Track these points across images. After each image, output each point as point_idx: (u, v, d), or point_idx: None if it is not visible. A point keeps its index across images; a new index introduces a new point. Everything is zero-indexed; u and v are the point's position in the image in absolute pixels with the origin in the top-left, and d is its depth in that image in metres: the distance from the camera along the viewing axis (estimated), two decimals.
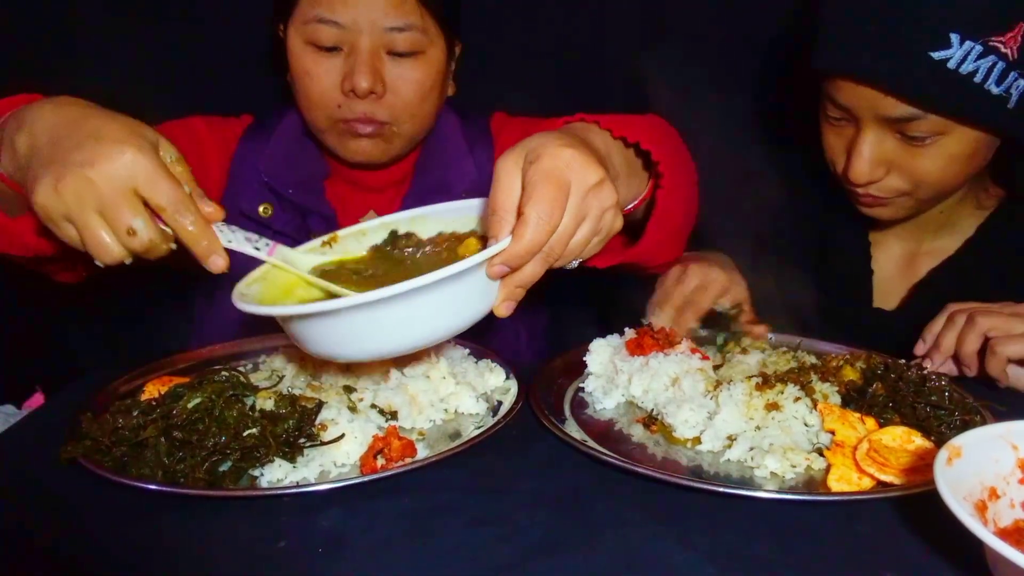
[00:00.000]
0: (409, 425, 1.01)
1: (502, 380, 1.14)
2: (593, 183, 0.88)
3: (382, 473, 0.87)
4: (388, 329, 0.87)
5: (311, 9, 1.25)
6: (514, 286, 0.91)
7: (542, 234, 0.85)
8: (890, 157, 1.22)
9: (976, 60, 1.10)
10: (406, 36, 1.26)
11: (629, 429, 1.03)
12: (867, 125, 1.21)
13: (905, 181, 1.24)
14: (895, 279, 1.46)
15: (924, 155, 1.20)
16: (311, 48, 1.27)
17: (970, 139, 1.19)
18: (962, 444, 0.69)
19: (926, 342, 1.14)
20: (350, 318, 0.85)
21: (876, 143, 1.21)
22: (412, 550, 0.76)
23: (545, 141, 0.89)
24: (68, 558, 0.78)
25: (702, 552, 0.75)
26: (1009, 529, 0.69)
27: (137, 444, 0.87)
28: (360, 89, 1.25)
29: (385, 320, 0.85)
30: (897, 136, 1.20)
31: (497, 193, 0.88)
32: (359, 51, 1.25)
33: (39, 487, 0.90)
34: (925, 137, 1.18)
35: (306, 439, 0.92)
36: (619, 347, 1.16)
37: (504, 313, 0.92)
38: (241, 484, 0.87)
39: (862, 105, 1.19)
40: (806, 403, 0.98)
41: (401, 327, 0.87)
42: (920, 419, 0.95)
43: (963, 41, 1.09)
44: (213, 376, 0.96)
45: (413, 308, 0.85)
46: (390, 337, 0.88)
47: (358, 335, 0.87)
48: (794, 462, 0.89)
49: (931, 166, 1.21)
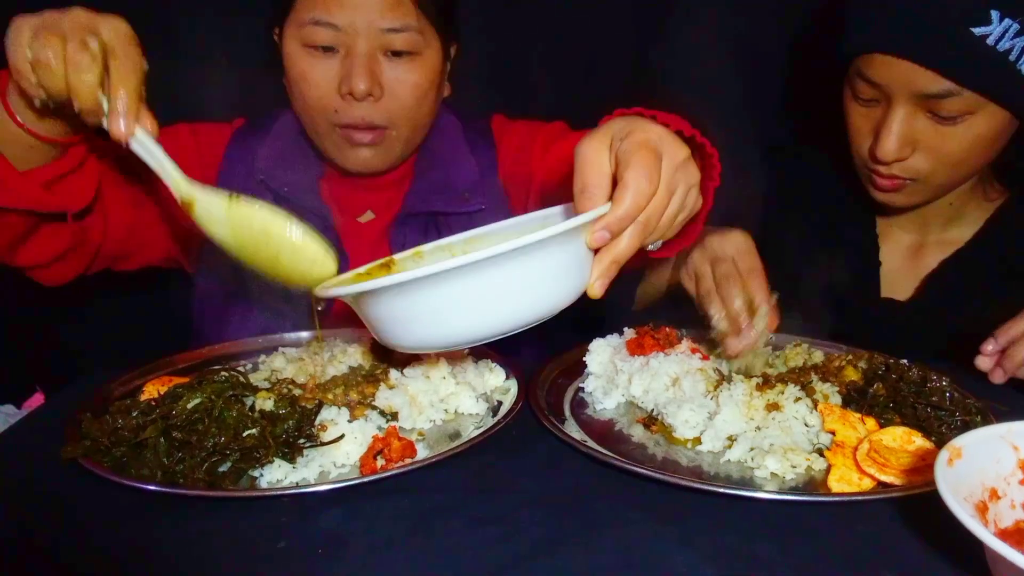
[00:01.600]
0: (409, 425, 1.01)
1: (502, 380, 1.14)
2: (682, 159, 0.88)
3: (382, 473, 0.87)
4: (478, 304, 0.79)
5: (307, 12, 1.24)
6: (610, 261, 0.85)
7: (643, 198, 0.83)
8: (918, 136, 1.24)
9: (1013, 38, 1.14)
10: (403, 37, 1.26)
11: (629, 429, 1.03)
12: (899, 103, 1.23)
13: (928, 162, 1.26)
14: (902, 270, 1.47)
15: (952, 135, 1.22)
16: (307, 51, 1.27)
17: (997, 120, 1.22)
18: (963, 445, 0.69)
19: (998, 343, 1.12)
20: (436, 289, 0.77)
21: (907, 121, 1.23)
22: (412, 550, 0.76)
23: (630, 121, 0.88)
24: (68, 558, 0.78)
25: (702, 552, 0.75)
26: (1010, 530, 0.68)
27: (137, 444, 0.87)
28: (358, 91, 1.25)
29: (478, 292, 0.77)
30: (927, 115, 1.22)
31: (586, 172, 0.85)
32: (356, 53, 1.25)
33: (39, 487, 0.90)
34: (955, 116, 1.20)
35: (306, 439, 0.92)
36: (619, 347, 1.16)
37: (598, 292, 0.86)
38: (241, 484, 0.87)
39: (898, 81, 1.21)
40: (806, 403, 0.97)
41: (492, 301, 0.79)
42: (921, 419, 0.95)
43: (1003, 18, 1.13)
44: (213, 376, 0.96)
45: (508, 276, 0.78)
46: (480, 315, 0.80)
47: (442, 311, 0.79)
48: (794, 462, 0.89)
49: (956, 146, 1.23)
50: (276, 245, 0.93)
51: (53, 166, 1.06)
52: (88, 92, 0.88)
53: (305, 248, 0.93)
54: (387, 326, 0.84)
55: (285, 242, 0.92)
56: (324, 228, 1.37)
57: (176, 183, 0.92)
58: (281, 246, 0.92)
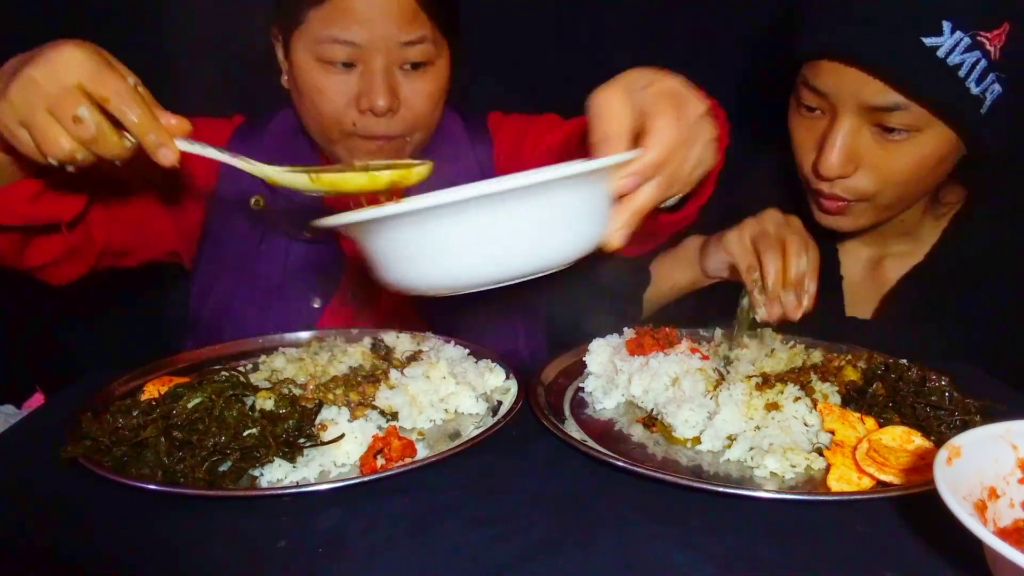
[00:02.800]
0: (409, 425, 1.01)
1: (502, 380, 1.14)
2: (702, 111, 0.87)
3: (382, 473, 0.87)
4: (493, 242, 0.73)
5: (324, 28, 1.22)
6: (632, 211, 0.82)
7: (672, 146, 0.81)
8: (862, 152, 1.22)
9: (963, 53, 1.10)
10: (419, 49, 1.25)
11: (629, 429, 1.03)
12: (844, 115, 1.20)
13: (871, 181, 1.23)
14: (863, 284, 1.45)
15: (896, 153, 1.20)
16: (323, 65, 1.25)
17: (942, 141, 1.19)
18: (962, 444, 0.69)
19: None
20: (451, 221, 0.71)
21: (851, 134, 1.20)
22: (412, 550, 0.76)
23: (647, 72, 0.87)
24: (68, 558, 0.78)
25: (702, 552, 0.75)
26: (1009, 529, 0.69)
27: (137, 444, 0.87)
28: (379, 109, 1.24)
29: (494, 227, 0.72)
30: (872, 130, 1.20)
31: (604, 121, 0.82)
32: (374, 70, 1.23)
33: (39, 487, 0.90)
34: (901, 131, 1.18)
35: (306, 439, 0.92)
36: (619, 347, 1.16)
37: (618, 243, 0.82)
38: (241, 484, 0.87)
39: (845, 90, 1.18)
40: (806, 403, 0.98)
41: (508, 240, 0.73)
42: (920, 419, 0.95)
43: (954, 31, 1.10)
44: (213, 376, 0.96)
45: (527, 213, 0.72)
46: (492, 255, 0.74)
47: (452, 248, 0.73)
48: (794, 462, 0.89)
49: (901, 165, 1.21)
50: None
51: (35, 180, 1.02)
52: (112, 148, 0.86)
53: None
54: (390, 262, 0.78)
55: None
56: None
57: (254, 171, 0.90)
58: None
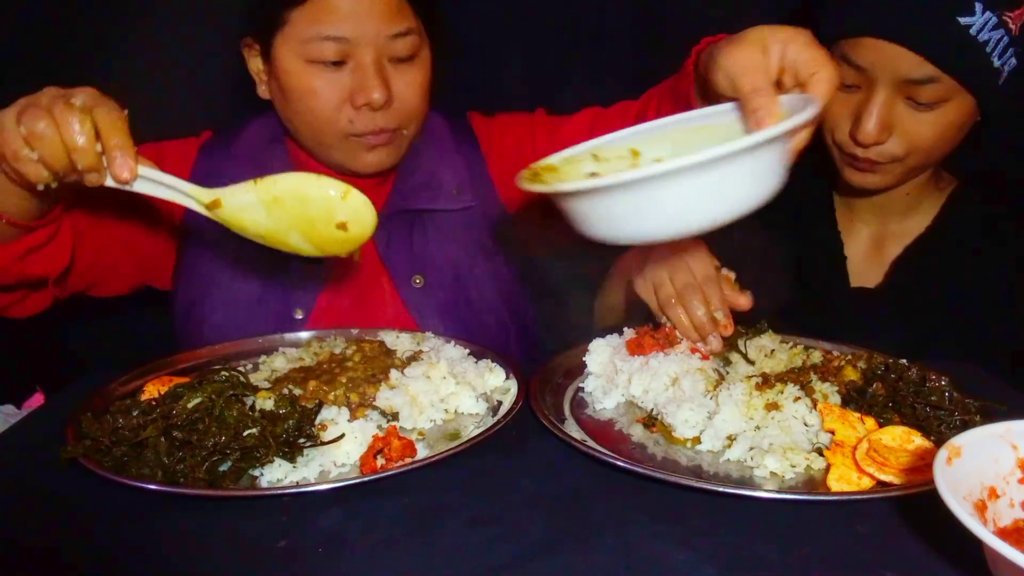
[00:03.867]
0: (410, 425, 1.01)
1: (502, 380, 1.14)
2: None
3: (382, 473, 0.87)
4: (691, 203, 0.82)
5: (310, 27, 1.22)
6: (794, 153, 0.90)
7: (834, 88, 0.90)
8: (896, 121, 1.30)
9: (991, 30, 1.21)
10: (406, 41, 1.26)
11: (629, 429, 1.03)
12: (881, 87, 1.28)
13: (902, 146, 1.31)
14: (866, 261, 1.52)
15: (925, 121, 1.29)
16: (312, 66, 1.25)
17: (965, 109, 1.29)
18: (962, 444, 0.69)
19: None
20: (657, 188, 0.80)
21: (887, 105, 1.29)
22: (412, 550, 0.76)
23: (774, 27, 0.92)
24: (68, 558, 0.78)
25: (702, 552, 0.75)
26: (1009, 529, 0.69)
27: (137, 444, 0.87)
28: (375, 102, 1.24)
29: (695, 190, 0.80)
30: (905, 101, 1.28)
31: (751, 76, 0.89)
32: (366, 64, 1.24)
33: (39, 487, 0.90)
34: (931, 103, 1.26)
35: (306, 439, 0.92)
36: (619, 347, 1.16)
37: None
38: (241, 484, 0.87)
39: (884, 65, 1.26)
40: (806, 403, 0.98)
41: (705, 199, 0.82)
42: (920, 419, 0.95)
43: (984, 10, 1.21)
44: (213, 376, 0.97)
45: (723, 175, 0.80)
46: (689, 212, 0.83)
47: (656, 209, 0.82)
48: (794, 462, 0.89)
49: (929, 132, 1.30)
50: (314, 206, 0.94)
51: (23, 241, 1.09)
52: (88, 148, 0.90)
53: (346, 199, 0.93)
54: (591, 222, 0.87)
55: (323, 199, 0.93)
56: None
57: (196, 195, 0.95)
58: (319, 206, 0.93)
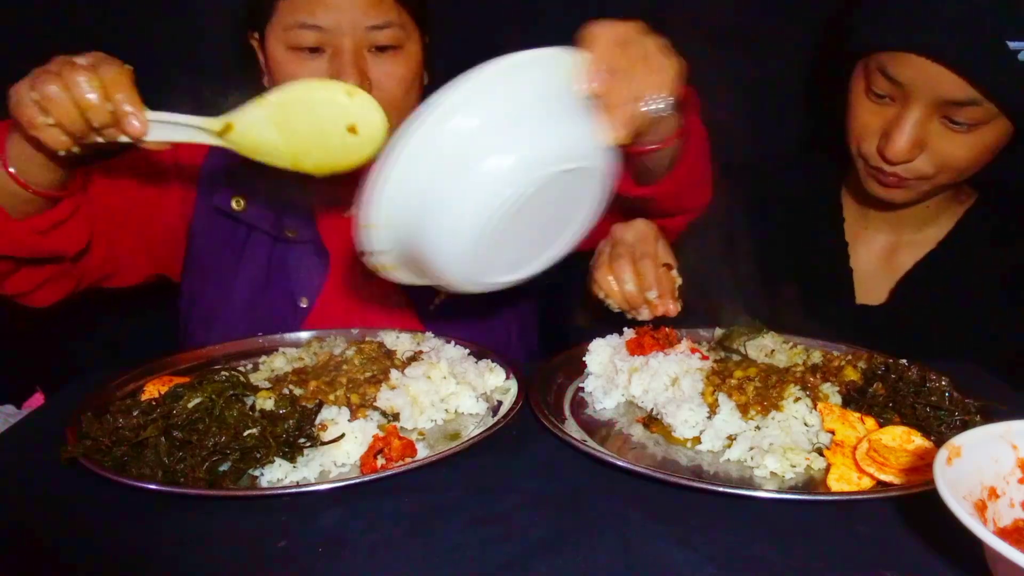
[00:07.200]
0: (410, 425, 1.01)
1: (502, 380, 1.14)
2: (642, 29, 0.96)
3: (382, 473, 0.87)
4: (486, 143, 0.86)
5: (291, 15, 1.25)
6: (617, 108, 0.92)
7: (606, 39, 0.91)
8: (927, 139, 1.24)
9: None
10: (386, 33, 1.28)
11: (629, 429, 1.03)
12: (916, 104, 1.22)
13: (933, 166, 1.26)
14: (877, 273, 1.48)
15: (959, 142, 1.23)
16: (293, 53, 1.27)
17: (1002, 132, 1.23)
18: (962, 444, 0.69)
19: None
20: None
21: (921, 123, 1.23)
22: (412, 550, 0.76)
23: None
24: (68, 558, 0.78)
25: (702, 552, 0.75)
26: (1009, 529, 0.69)
27: (137, 444, 0.87)
28: None
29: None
30: (941, 120, 1.22)
31: None
32: (343, 52, 1.26)
33: (39, 487, 0.90)
34: (968, 124, 1.21)
35: (306, 439, 0.92)
36: (619, 347, 1.16)
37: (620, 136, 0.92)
38: (241, 484, 0.87)
39: (923, 83, 1.20)
40: (806, 403, 0.98)
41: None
42: (920, 419, 0.95)
43: None
44: (213, 376, 0.96)
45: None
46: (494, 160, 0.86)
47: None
48: (794, 462, 0.89)
49: (962, 153, 1.24)
50: (321, 111, 0.96)
51: (47, 215, 1.12)
52: (99, 105, 0.93)
53: (352, 97, 0.96)
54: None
55: (329, 102, 0.96)
56: (302, 223, 1.42)
57: (207, 125, 0.97)
58: (327, 110, 0.96)
